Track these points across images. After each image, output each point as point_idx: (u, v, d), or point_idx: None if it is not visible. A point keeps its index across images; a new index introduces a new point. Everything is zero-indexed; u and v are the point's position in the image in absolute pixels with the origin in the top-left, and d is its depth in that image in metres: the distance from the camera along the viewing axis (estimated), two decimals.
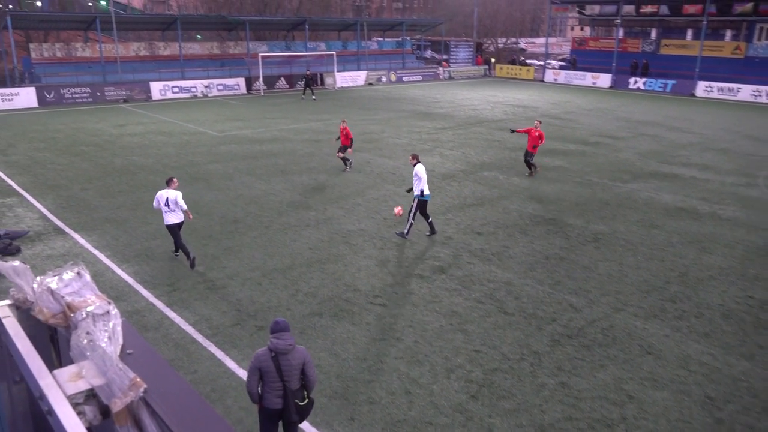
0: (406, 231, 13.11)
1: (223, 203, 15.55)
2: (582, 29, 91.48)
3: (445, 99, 38.78)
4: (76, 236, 13.14)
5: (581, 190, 17.32)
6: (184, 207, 11.39)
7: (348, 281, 10.98)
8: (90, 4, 60.49)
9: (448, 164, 20.25)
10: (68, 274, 1.90)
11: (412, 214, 13.03)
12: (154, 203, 11.58)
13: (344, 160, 19.06)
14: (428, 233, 13.31)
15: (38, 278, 1.98)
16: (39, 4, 56.45)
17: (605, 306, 10.17)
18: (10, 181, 17.64)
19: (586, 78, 48.78)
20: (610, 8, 53.71)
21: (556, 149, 22.95)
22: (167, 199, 11.31)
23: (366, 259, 12.03)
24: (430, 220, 13.22)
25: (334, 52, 46.58)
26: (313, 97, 37.90)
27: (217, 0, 66.89)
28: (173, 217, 11.37)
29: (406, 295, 10.46)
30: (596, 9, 56.37)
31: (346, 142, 19.04)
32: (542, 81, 51.91)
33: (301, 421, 5.99)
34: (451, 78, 54.27)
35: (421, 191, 12.84)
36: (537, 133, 18.38)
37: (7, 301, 1.99)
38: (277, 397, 5.84)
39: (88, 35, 45.47)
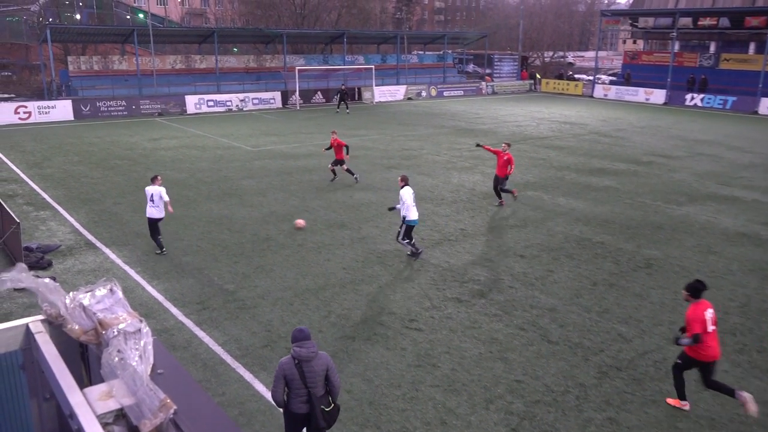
0: (409, 252, 13.14)
1: (256, 220, 15.77)
2: (635, 42, 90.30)
3: (488, 115, 38.69)
4: (107, 251, 13.49)
5: (632, 212, 16.99)
6: (166, 199, 13.02)
7: (383, 304, 10.96)
8: (128, 17, 62.70)
9: (489, 183, 20.12)
10: (101, 291, 1.95)
11: (400, 237, 13.10)
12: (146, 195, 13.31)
13: (349, 172, 19.64)
14: (410, 253, 13.19)
15: (71, 294, 2.04)
16: (78, 17, 58.80)
17: (658, 337, 9.89)
18: (44, 195, 18.27)
19: (639, 93, 48.06)
20: (665, 21, 52.95)
21: (606, 168, 22.61)
22: (152, 194, 12.98)
23: (402, 280, 12.00)
24: (412, 241, 13.13)
25: (372, 66, 47.06)
26: (347, 111, 38.35)
27: (254, 13, 68.57)
28: (156, 212, 13.05)
29: (444, 320, 10.38)
30: (650, 21, 55.64)
31: (342, 155, 19.32)
32: (591, 96, 51.35)
33: (328, 427, 6.30)
34: (494, 93, 54.17)
35: (404, 216, 12.89)
36: (505, 158, 16.89)
37: (40, 317, 2.05)
38: (302, 403, 6.18)
39: (125, 48, 47.07)
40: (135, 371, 1.63)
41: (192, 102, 38.65)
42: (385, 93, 47.44)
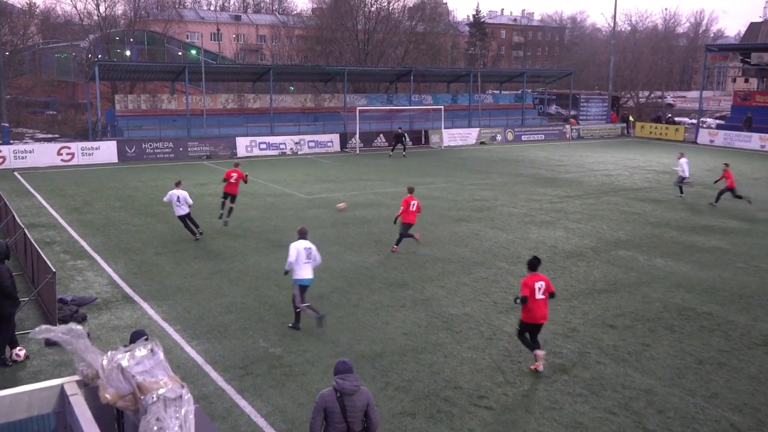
0: (314, 316, 12.63)
1: None
2: (746, 81, 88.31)
3: (573, 162, 38.34)
4: (146, 306, 13.91)
5: (746, 278, 16.31)
6: (191, 202, 18.99)
7: (448, 376, 10.80)
8: (180, 53, 66.17)
9: (574, 240, 19.81)
10: (141, 351, 2.03)
11: (296, 300, 12.59)
12: (165, 198, 19.13)
13: (230, 210, 20.80)
14: (291, 324, 12.70)
15: (108, 353, 2.13)
16: (128, 53, 62.48)
17: None
18: (82, 242, 19.13)
19: (753, 140, 46.70)
20: None
21: (713, 226, 21.90)
22: (177, 196, 18.71)
23: (471, 350, 11.83)
24: (308, 304, 12.62)
25: (441, 106, 47.69)
26: (404, 154, 38.87)
27: (314, 49, 70.93)
28: (182, 210, 18.82)
29: (519, 398, 10.12)
30: (765, 57, 54.44)
31: (234, 189, 20.80)
32: (694, 142, 50.24)
33: None
34: (580, 137, 53.75)
35: (298, 276, 12.52)
36: (413, 202, 17.88)
37: (75, 377, 2.14)
38: None
39: (175, 86, 49.49)
40: None
41: (243, 144, 40.03)
42: (455, 136, 47.83)
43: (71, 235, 20.05)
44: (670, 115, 65.79)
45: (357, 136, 42.86)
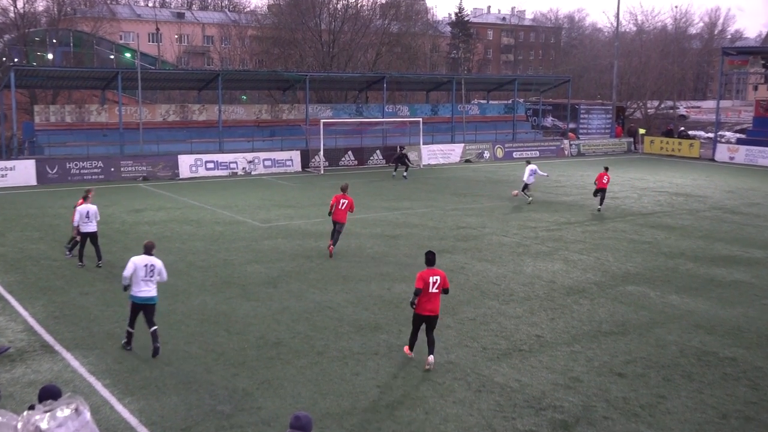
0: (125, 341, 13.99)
1: (263, 319, 15.84)
2: None
3: (572, 183, 38.74)
4: (69, 356, 13.65)
5: None
6: (98, 218, 19.96)
7: None
8: (112, 56, 65.98)
9: (575, 274, 19.93)
10: (63, 411, 1.99)
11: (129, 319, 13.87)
12: (75, 218, 19.70)
13: (74, 245, 20.86)
14: (124, 340, 13.95)
15: (24, 414, 2.08)
16: (50, 57, 62.10)
17: None
18: None
19: None
20: None
21: (735, 256, 22.21)
22: (88, 212, 19.55)
23: (456, 405, 11.78)
24: (130, 325, 13.89)
25: (420, 119, 48.11)
26: (405, 174, 39.15)
27: (270, 52, 71.11)
28: (90, 227, 19.68)
29: None
30: None
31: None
32: (712, 160, 51.15)
33: None
34: (580, 154, 54.43)
35: (133, 291, 13.79)
36: (343, 201, 21.16)
37: None
38: None
39: (107, 95, 49.25)
40: None
41: (186, 163, 39.88)
42: (436, 153, 48.21)
43: None
44: (683, 128, 66.97)
45: (321, 153, 42.96)
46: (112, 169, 38.05)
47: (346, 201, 21.24)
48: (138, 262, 13.76)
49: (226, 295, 17.43)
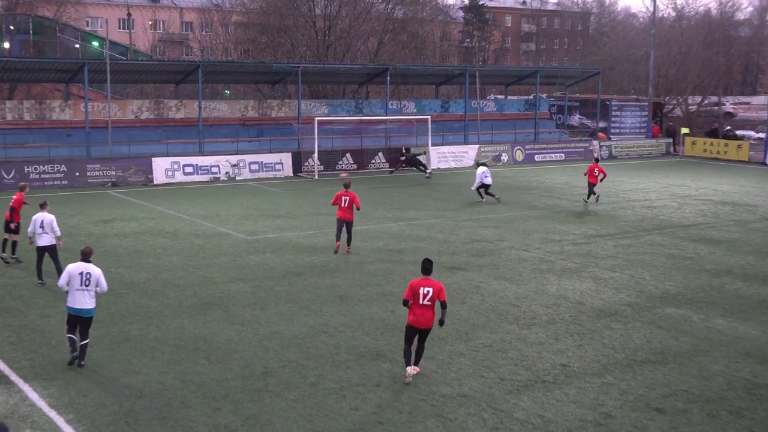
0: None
1: (249, 345, 15.80)
2: None
3: (603, 190, 38.68)
4: (26, 387, 13.59)
5: None
6: (58, 233, 19.52)
7: None
8: (77, 45, 66.10)
9: (606, 294, 19.87)
10: None
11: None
12: (29, 228, 19.46)
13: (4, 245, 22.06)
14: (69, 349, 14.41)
15: None
16: (7, 45, 62.23)
17: None
18: None
19: None
20: None
21: None
22: (42, 221, 19.26)
23: None
24: (77, 340, 14.42)
25: (428, 116, 47.96)
26: (427, 174, 39.52)
27: (257, 41, 70.97)
28: (44, 240, 19.37)
29: None
30: None
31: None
32: (763, 163, 51.06)
33: None
34: (612, 157, 54.37)
35: (68, 302, 14.33)
36: (345, 198, 23.20)
37: None
38: None
39: (71, 90, 49.21)
40: None
41: (162, 167, 39.90)
42: (447, 156, 48.22)
43: None
44: (729, 127, 66.95)
45: (316, 156, 42.91)
46: (77, 174, 38.05)
47: (349, 197, 22.89)
48: (72, 270, 14.16)
49: (206, 318, 17.38)
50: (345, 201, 22.96)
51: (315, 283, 20.52)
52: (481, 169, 34.19)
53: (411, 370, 13.68)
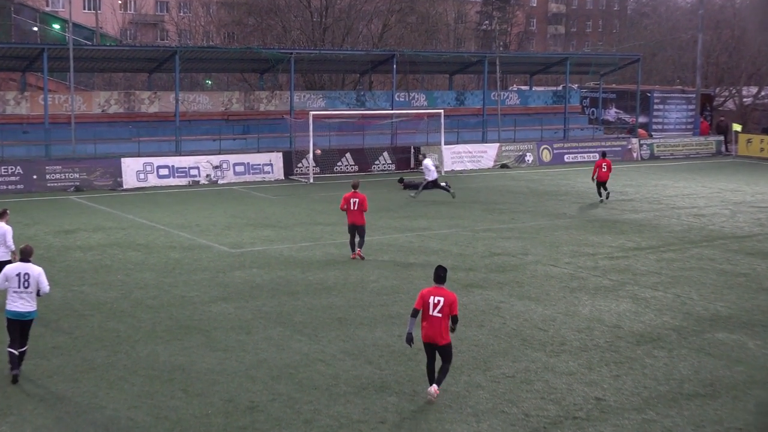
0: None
1: (233, 375, 15.78)
2: None
3: (643, 195, 38.68)
4: None
5: None
6: (12, 247, 18.48)
7: None
8: (35, 28, 66.24)
9: (648, 316, 19.84)
10: None
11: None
12: None
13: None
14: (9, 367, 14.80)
15: None
16: None
17: None
18: None
19: None
20: None
21: None
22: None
23: None
24: (13, 350, 14.93)
25: (441, 110, 47.95)
26: (452, 193, 39.44)
27: (243, 23, 71.06)
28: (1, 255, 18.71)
29: None
30: None
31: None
32: None
33: None
34: (653, 157, 54.36)
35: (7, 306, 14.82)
36: (354, 200, 24.23)
37: None
38: None
39: (28, 80, 49.31)
40: None
41: (132, 169, 39.93)
42: (462, 156, 48.22)
43: None
44: None
45: (311, 155, 42.89)
46: (35, 177, 38.07)
47: (357, 199, 23.97)
48: (9, 271, 14.49)
49: (183, 344, 17.37)
50: (354, 204, 23.73)
51: (309, 303, 20.50)
52: (428, 161, 37.19)
53: (431, 389, 14.09)
